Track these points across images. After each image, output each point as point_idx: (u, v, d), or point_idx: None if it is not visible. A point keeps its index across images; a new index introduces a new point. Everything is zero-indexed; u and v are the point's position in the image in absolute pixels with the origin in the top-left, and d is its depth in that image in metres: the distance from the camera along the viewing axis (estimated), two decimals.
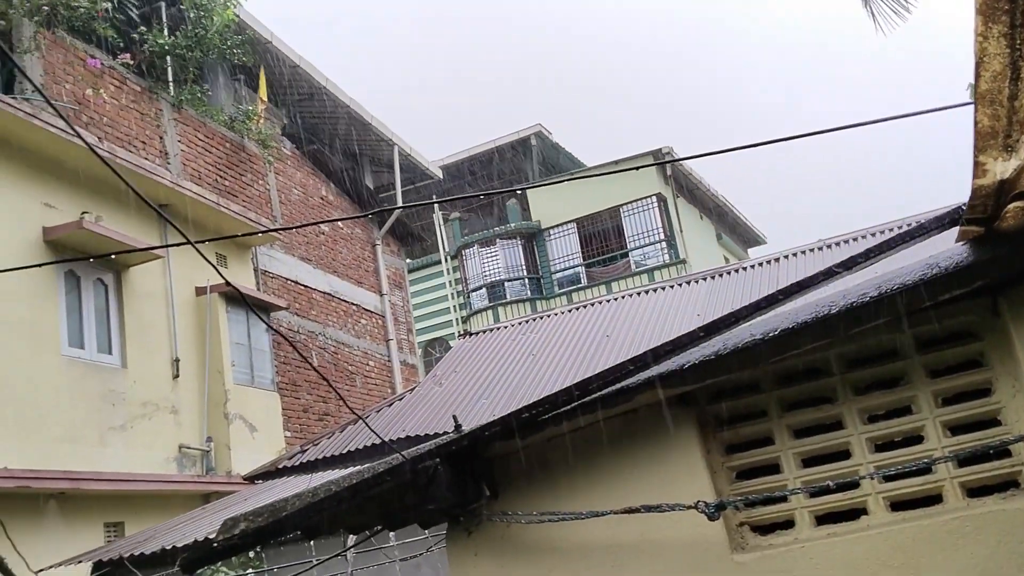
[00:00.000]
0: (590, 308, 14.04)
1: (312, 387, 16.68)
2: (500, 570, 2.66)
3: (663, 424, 2.54)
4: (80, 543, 9.93)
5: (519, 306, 26.34)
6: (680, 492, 2.42)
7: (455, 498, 2.54)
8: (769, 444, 2.50)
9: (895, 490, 2.36)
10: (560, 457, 2.67)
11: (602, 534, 2.55)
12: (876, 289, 2.14)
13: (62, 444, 10.78)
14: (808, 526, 2.40)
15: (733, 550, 2.41)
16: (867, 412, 2.43)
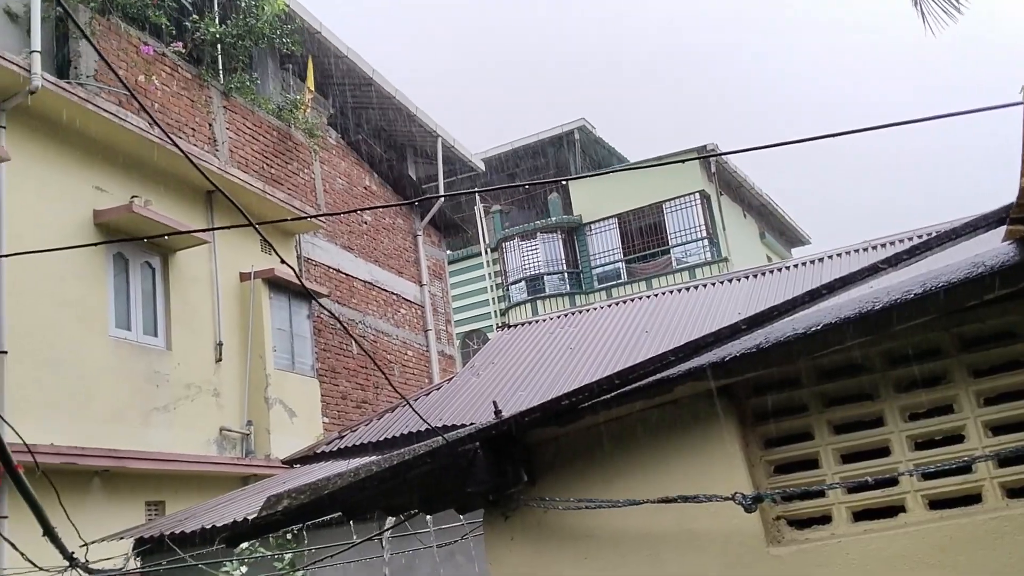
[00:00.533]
0: (629, 304, 14.02)
1: (351, 375, 16.86)
2: (536, 555, 2.70)
3: (702, 416, 2.56)
4: (122, 520, 10.16)
5: (558, 300, 26.36)
6: (717, 484, 2.44)
7: (493, 482, 2.58)
8: (808, 439, 2.51)
9: (934, 488, 2.35)
10: (598, 445, 2.70)
11: (638, 523, 2.57)
12: (920, 286, 2.14)
13: (107, 423, 11.02)
14: (845, 522, 2.40)
15: (769, 543, 2.42)
16: (908, 410, 2.43)
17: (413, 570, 7.55)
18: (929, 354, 2.41)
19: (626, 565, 2.58)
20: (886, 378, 2.46)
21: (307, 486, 2.81)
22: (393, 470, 2.61)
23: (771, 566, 2.38)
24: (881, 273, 2.17)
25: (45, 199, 10.74)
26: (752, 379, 2.53)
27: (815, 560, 2.35)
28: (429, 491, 2.85)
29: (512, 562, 2.73)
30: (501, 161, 28.13)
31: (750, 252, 27.32)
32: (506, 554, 2.75)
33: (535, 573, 2.69)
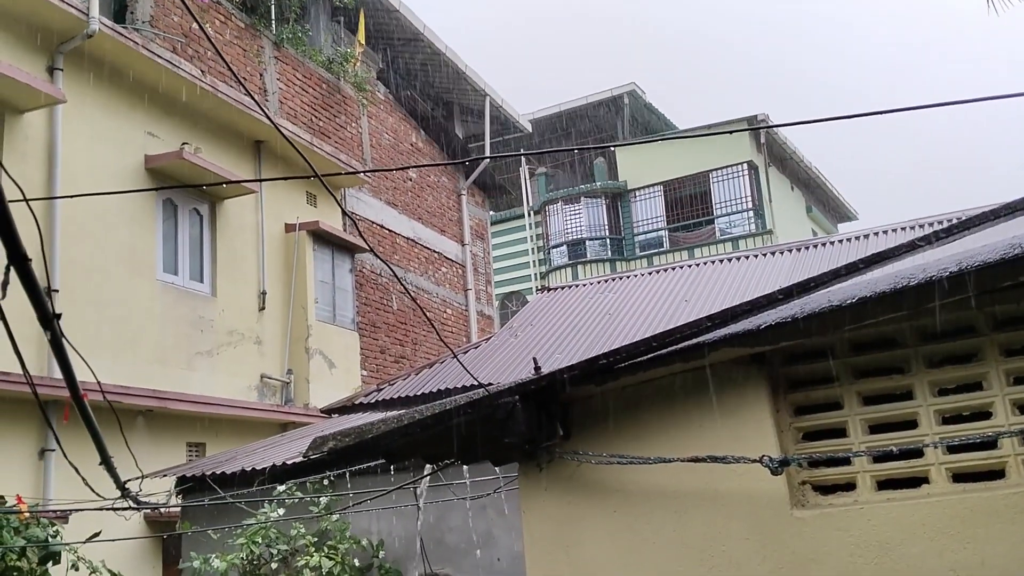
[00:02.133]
0: (670, 272, 14.02)
1: (390, 330, 17.08)
2: (567, 505, 2.81)
3: (735, 382, 2.63)
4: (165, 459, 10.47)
5: (599, 265, 26.35)
6: (746, 447, 2.52)
7: (530, 434, 2.69)
8: (837, 408, 2.58)
9: (958, 462, 2.41)
10: (632, 405, 2.79)
11: (667, 481, 2.67)
12: (956, 265, 2.19)
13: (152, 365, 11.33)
14: (869, 490, 2.48)
15: (794, 506, 2.50)
16: (937, 385, 2.48)
17: (445, 521, 7.74)
18: (962, 332, 2.46)
19: (653, 520, 2.68)
20: (917, 353, 2.51)
21: (352, 429, 2.94)
22: (436, 417, 2.72)
23: (794, 528, 2.47)
24: (919, 250, 2.22)
25: (99, 142, 10.97)
26: (786, 348, 2.60)
27: (837, 524, 2.43)
28: (468, 441, 2.96)
29: (544, 510, 2.85)
30: (549, 123, 28.02)
31: (795, 225, 27.05)
32: (539, 503, 2.86)
33: (565, 522, 2.80)
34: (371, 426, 2.88)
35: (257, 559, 7.56)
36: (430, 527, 7.76)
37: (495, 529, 7.53)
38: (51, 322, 2.40)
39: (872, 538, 2.37)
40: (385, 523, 7.91)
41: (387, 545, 7.79)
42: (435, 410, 2.75)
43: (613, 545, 2.72)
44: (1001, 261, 2.12)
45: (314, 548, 7.48)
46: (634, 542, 2.69)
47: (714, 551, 2.56)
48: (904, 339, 2.53)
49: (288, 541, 7.62)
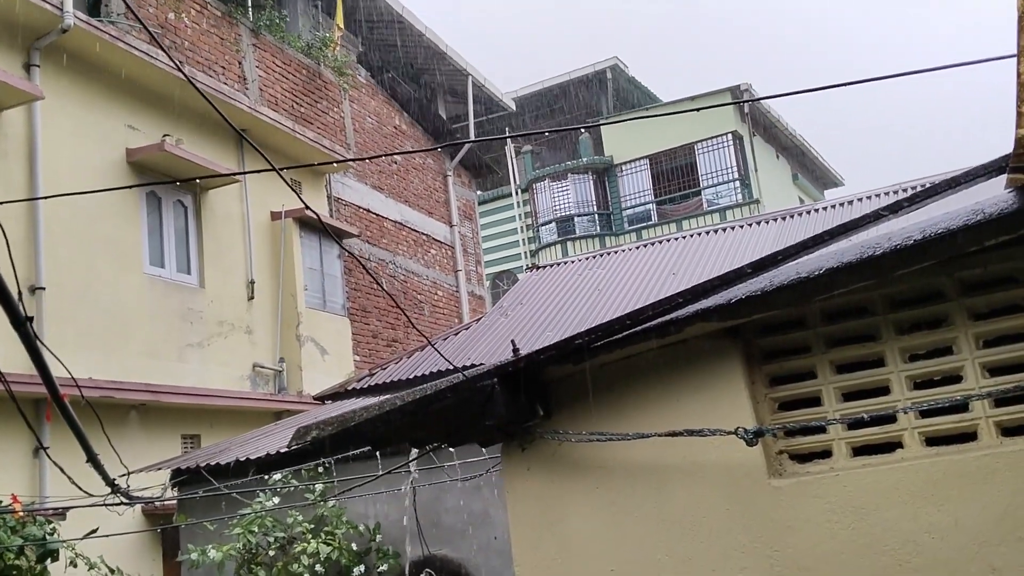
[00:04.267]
0: (659, 245, 14.04)
1: (381, 314, 17.10)
2: (550, 484, 2.84)
3: (710, 355, 2.66)
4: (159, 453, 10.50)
5: (588, 242, 26.37)
6: (723, 420, 2.55)
7: (510, 416, 2.71)
8: (811, 378, 2.61)
9: (931, 426, 2.45)
10: (611, 383, 2.81)
11: (647, 455, 2.70)
12: (920, 233, 2.21)
13: (143, 358, 11.33)
14: (844, 456, 2.51)
15: (771, 475, 2.54)
16: (908, 351, 2.52)
17: (440, 503, 7.79)
18: (930, 298, 2.49)
19: (635, 495, 2.71)
20: (887, 321, 2.54)
21: (335, 418, 2.96)
22: (416, 403, 2.74)
23: (771, 496, 2.51)
24: (884, 220, 2.24)
25: (79, 137, 10.91)
26: (758, 320, 2.63)
27: (813, 491, 2.46)
28: (451, 424, 2.99)
29: (528, 490, 2.88)
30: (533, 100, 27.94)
31: (782, 194, 27.09)
32: (522, 483, 2.89)
33: (549, 500, 2.84)
34: (353, 414, 2.91)
35: (255, 548, 7.61)
36: (426, 509, 7.81)
37: (491, 508, 7.58)
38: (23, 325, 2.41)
39: (848, 503, 2.41)
40: (381, 507, 7.96)
41: (384, 529, 7.85)
42: (415, 396, 2.77)
43: (596, 521, 2.75)
44: (964, 227, 2.15)
45: (311, 535, 7.53)
46: (617, 517, 2.72)
47: (695, 522, 2.60)
48: (874, 307, 2.56)
49: (285, 529, 7.66)
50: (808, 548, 2.44)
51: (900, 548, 2.34)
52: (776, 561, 2.47)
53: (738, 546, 2.53)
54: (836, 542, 2.41)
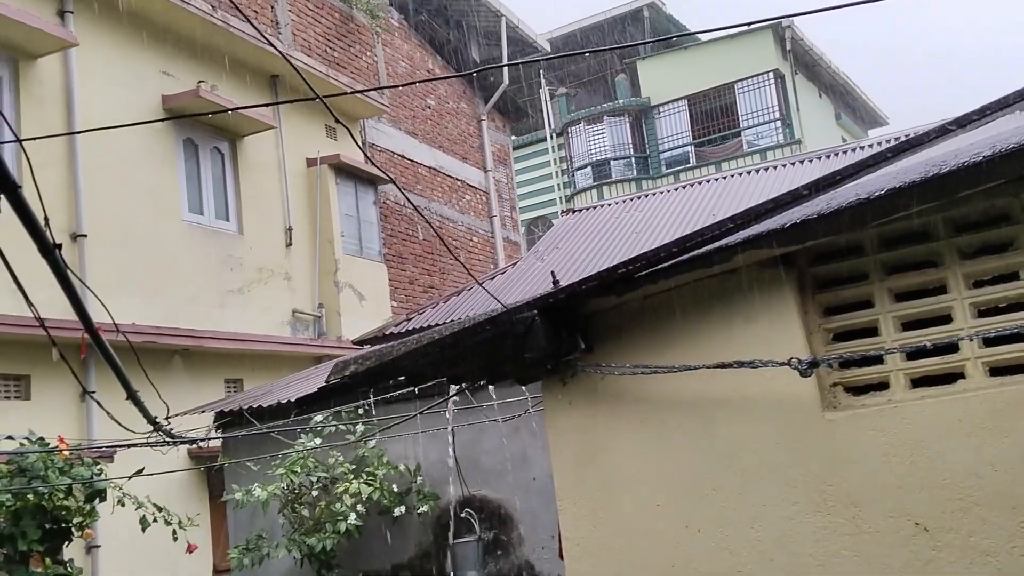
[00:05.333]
0: (697, 187, 13.81)
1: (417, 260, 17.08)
2: (592, 419, 2.77)
3: (761, 285, 2.55)
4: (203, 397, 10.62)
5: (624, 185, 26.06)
6: (774, 351, 2.45)
7: (551, 349, 2.63)
8: (868, 307, 2.49)
9: (995, 355, 2.33)
10: (655, 315, 2.72)
11: (693, 389, 2.61)
12: (991, 148, 2.07)
13: (185, 304, 11.42)
14: (903, 388, 2.41)
15: (825, 408, 2.44)
16: (973, 277, 2.39)
17: (479, 444, 7.80)
18: (997, 220, 2.36)
19: (681, 429, 2.64)
20: (951, 245, 2.41)
21: (373, 352, 2.91)
22: (454, 336, 2.68)
23: (825, 430, 2.41)
24: (950, 135, 2.11)
25: (114, 84, 10.88)
26: (813, 247, 2.51)
27: (870, 424, 2.37)
28: (489, 359, 2.92)
29: (570, 425, 2.81)
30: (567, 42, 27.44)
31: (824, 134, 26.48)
32: (564, 418, 2.83)
33: (591, 435, 2.77)
34: (391, 348, 2.85)
35: (298, 488, 7.69)
36: (465, 451, 7.84)
37: (529, 450, 7.58)
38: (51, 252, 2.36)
39: (906, 437, 2.31)
40: (421, 449, 8.00)
41: (424, 470, 7.89)
42: (454, 329, 2.70)
43: (641, 456, 2.68)
44: None
45: (353, 475, 7.59)
46: (662, 452, 2.65)
47: (744, 456, 2.52)
48: (937, 231, 2.43)
49: (327, 469, 7.73)
50: (862, 482, 2.35)
51: (960, 482, 2.24)
52: (829, 495, 2.39)
53: (789, 480, 2.45)
54: (892, 476, 2.32)
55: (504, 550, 7.66)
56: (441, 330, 2.81)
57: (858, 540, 2.34)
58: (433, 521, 7.95)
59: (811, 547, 2.39)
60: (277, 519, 7.96)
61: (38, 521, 6.67)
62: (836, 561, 2.36)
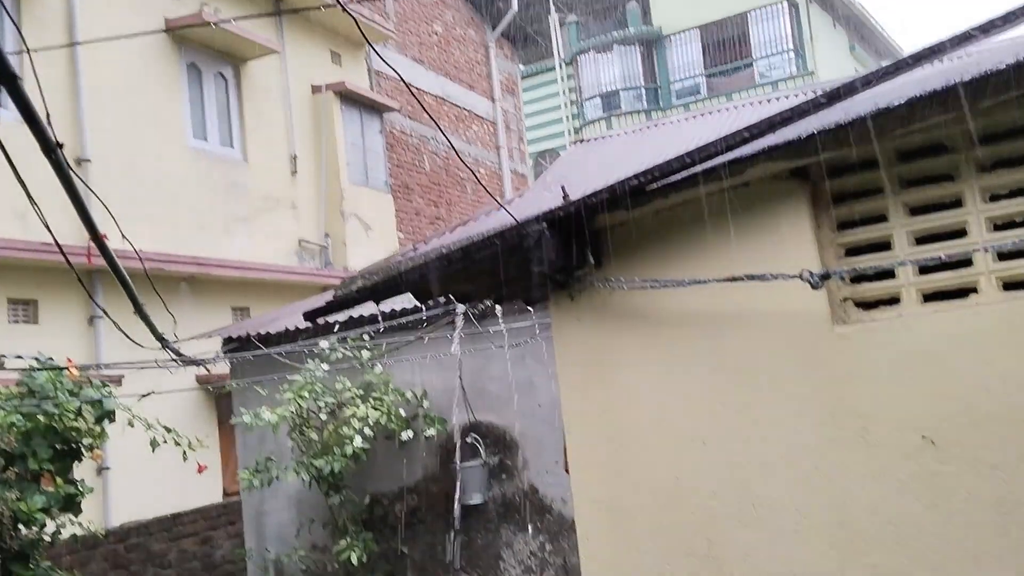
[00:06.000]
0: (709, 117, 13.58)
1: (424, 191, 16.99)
2: (600, 334, 2.76)
3: (774, 198, 2.52)
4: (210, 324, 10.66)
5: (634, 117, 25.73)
6: (786, 265, 2.42)
7: (560, 262, 2.61)
8: (882, 221, 2.46)
9: (1009, 270, 2.30)
10: (666, 230, 2.69)
11: (703, 304, 2.59)
12: (1013, 56, 2.01)
13: (191, 231, 11.40)
14: (914, 303, 2.39)
15: (835, 323, 2.43)
16: (989, 191, 2.35)
17: (485, 371, 7.84)
18: (1016, 133, 2.30)
19: (689, 344, 2.63)
20: (968, 158, 2.36)
21: (380, 267, 2.89)
22: (463, 250, 2.65)
23: (834, 343, 2.40)
24: (971, 41, 2.04)
25: (116, 7, 10.70)
26: (828, 160, 2.46)
27: (881, 339, 2.35)
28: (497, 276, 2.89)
29: (577, 340, 2.81)
30: None
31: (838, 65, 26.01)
32: (572, 333, 2.82)
33: (599, 350, 2.76)
34: (398, 263, 2.83)
35: (306, 412, 7.76)
36: (471, 378, 7.88)
37: (535, 377, 7.62)
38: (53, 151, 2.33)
39: (916, 350, 2.30)
40: (428, 376, 8.04)
41: (430, 396, 7.95)
42: (462, 243, 2.67)
43: (648, 370, 2.68)
44: None
45: (360, 400, 7.65)
46: (669, 366, 2.65)
47: (752, 371, 2.51)
48: (954, 144, 2.38)
49: (334, 395, 7.79)
50: (871, 395, 2.34)
51: (969, 395, 2.24)
52: (837, 408, 2.39)
53: (797, 394, 2.44)
54: (901, 389, 2.31)
55: (508, 474, 7.75)
56: (449, 244, 2.79)
57: (864, 453, 2.35)
58: (439, 446, 8.03)
59: (817, 460, 2.40)
60: (285, 443, 8.05)
61: (48, 441, 6.75)
62: (841, 474, 2.37)
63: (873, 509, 2.33)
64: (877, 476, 2.32)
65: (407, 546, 8.06)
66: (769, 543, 2.45)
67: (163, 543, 9.70)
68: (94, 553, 8.95)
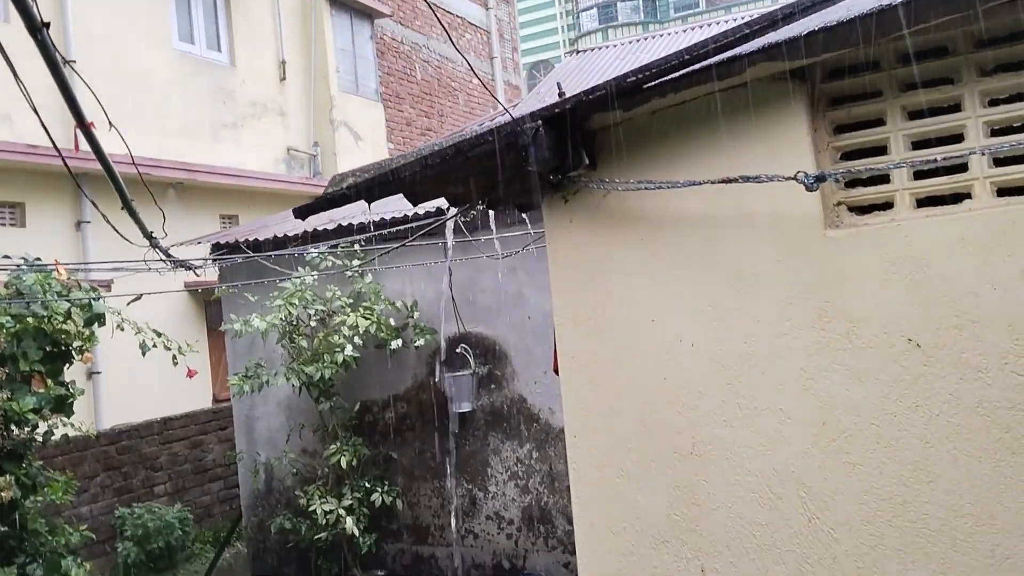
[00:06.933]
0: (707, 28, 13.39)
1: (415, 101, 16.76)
2: (593, 236, 2.76)
3: (771, 100, 2.49)
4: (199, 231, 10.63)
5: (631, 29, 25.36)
6: (781, 168, 2.41)
7: (555, 162, 2.59)
8: (880, 125, 2.44)
9: (1004, 175, 2.29)
10: (661, 132, 2.67)
11: (697, 206, 2.59)
12: None
13: (178, 137, 11.26)
14: (907, 207, 2.38)
15: (827, 226, 2.43)
16: (989, 96, 2.32)
17: (476, 282, 7.87)
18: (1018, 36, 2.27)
19: (681, 247, 2.63)
20: (970, 61, 2.33)
21: (372, 165, 2.87)
22: (456, 147, 2.63)
23: (826, 247, 2.41)
24: None
25: None
26: (827, 61, 2.43)
27: (871, 242, 2.35)
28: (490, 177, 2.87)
29: (570, 243, 2.80)
30: None
31: None
32: (564, 235, 2.81)
33: (592, 253, 2.77)
34: (390, 160, 2.80)
35: (295, 320, 7.79)
36: (462, 289, 7.91)
37: (525, 289, 7.65)
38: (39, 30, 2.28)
39: (908, 254, 2.31)
40: (418, 286, 8.07)
41: (420, 307, 7.99)
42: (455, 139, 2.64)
43: (639, 273, 2.69)
44: None
45: (350, 309, 7.68)
46: (660, 269, 2.65)
47: (742, 274, 2.52)
48: (956, 47, 2.34)
49: (324, 303, 7.81)
50: (860, 299, 2.36)
51: (959, 300, 2.25)
52: (824, 312, 2.41)
53: (786, 297, 2.46)
54: (891, 293, 2.32)
55: (497, 384, 7.85)
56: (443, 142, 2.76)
57: (850, 355, 2.37)
58: (429, 355, 8.11)
59: (803, 361, 2.43)
60: (275, 349, 8.11)
61: (38, 343, 6.77)
62: (826, 375, 2.41)
63: (856, 410, 2.37)
64: (862, 378, 2.36)
65: (396, 451, 8.20)
66: (752, 441, 2.50)
67: (154, 446, 9.84)
68: (86, 455, 9.08)
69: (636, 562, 2.71)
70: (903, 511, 2.32)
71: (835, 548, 2.41)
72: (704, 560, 2.61)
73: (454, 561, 7.97)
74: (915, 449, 2.29)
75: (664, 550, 2.67)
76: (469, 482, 7.94)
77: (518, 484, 7.71)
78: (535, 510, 7.64)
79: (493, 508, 7.85)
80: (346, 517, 7.55)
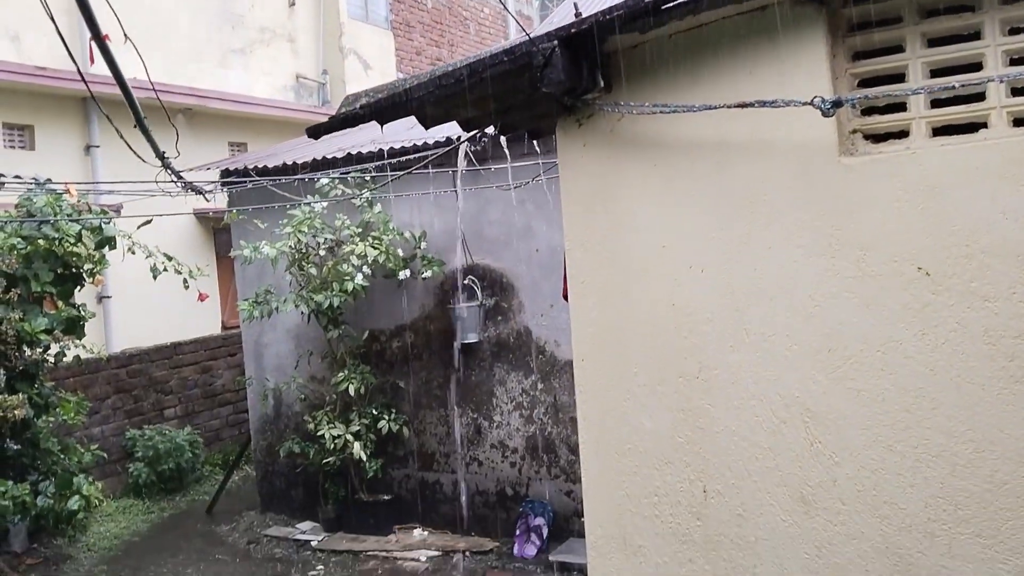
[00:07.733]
0: None
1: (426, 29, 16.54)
2: (607, 160, 2.76)
3: (790, 25, 2.46)
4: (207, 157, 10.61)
5: None
6: (798, 93, 2.40)
7: (569, 83, 2.58)
8: (899, 52, 2.42)
9: (1021, 105, 2.28)
10: (678, 55, 2.64)
11: (711, 132, 2.58)
12: None
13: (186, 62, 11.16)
14: (923, 136, 2.38)
15: (842, 154, 2.42)
16: (1009, 24, 2.30)
17: (484, 215, 7.87)
18: None
19: (693, 172, 2.63)
20: None
21: (385, 86, 2.85)
22: (471, 68, 2.61)
23: (840, 174, 2.40)
24: None
25: None
26: None
27: (886, 170, 2.35)
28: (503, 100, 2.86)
29: (582, 167, 2.81)
30: None
31: None
32: (577, 159, 2.81)
33: (604, 177, 2.77)
34: (403, 81, 2.79)
35: (304, 248, 7.83)
36: (470, 221, 7.91)
37: (534, 222, 7.65)
38: None
39: (921, 183, 2.31)
40: (427, 217, 8.07)
41: (429, 238, 8.00)
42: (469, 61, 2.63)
43: (650, 199, 2.69)
44: None
45: (359, 239, 7.70)
46: (673, 194, 2.66)
47: (754, 201, 2.53)
48: None
49: (334, 231, 7.84)
50: (872, 227, 2.37)
51: (970, 229, 2.26)
52: (836, 239, 2.42)
53: (798, 224, 2.47)
54: (903, 221, 2.33)
55: (504, 316, 7.90)
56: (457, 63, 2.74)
57: (859, 283, 2.39)
58: (437, 286, 8.15)
59: (811, 288, 2.45)
60: (284, 277, 8.16)
61: (49, 265, 6.83)
62: (834, 303, 2.42)
63: (863, 337, 2.39)
64: (870, 305, 2.37)
65: (403, 380, 8.30)
66: (758, 367, 2.53)
67: (164, 370, 9.97)
68: (97, 377, 9.21)
69: (640, 482, 2.77)
70: (905, 436, 2.36)
71: (836, 472, 2.45)
72: (707, 481, 2.66)
73: (459, 487, 8.13)
74: (919, 376, 2.32)
75: (668, 471, 2.73)
76: (475, 411, 8.05)
77: (522, 414, 7.82)
78: (539, 440, 7.76)
79: (498, 437, 7.97)
80: (353, 442, 7.68)
